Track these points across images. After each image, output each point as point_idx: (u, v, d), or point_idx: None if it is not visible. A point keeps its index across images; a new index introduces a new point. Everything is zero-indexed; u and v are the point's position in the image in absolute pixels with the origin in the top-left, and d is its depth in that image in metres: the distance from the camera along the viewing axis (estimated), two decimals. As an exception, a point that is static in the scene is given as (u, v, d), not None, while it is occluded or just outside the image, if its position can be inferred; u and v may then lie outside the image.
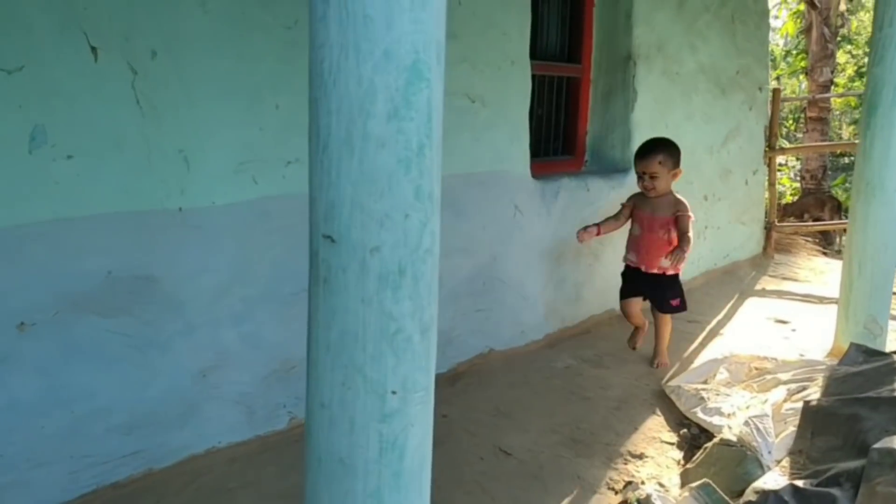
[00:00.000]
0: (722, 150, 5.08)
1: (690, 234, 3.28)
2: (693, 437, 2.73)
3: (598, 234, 3.41)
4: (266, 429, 2.60)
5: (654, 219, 3.38)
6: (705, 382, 3.10)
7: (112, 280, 2.15)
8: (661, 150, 3.32)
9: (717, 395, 2.89)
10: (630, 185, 4.17)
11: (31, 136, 1.92)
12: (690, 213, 3.36)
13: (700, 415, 2.79)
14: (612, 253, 4.13)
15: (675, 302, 3.45)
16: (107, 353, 2.17)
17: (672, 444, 2.74)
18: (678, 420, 2.89)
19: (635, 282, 3.50)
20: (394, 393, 1.20)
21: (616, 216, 3.51)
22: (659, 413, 2.98)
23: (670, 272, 3.40)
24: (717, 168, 5.04)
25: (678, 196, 3.40)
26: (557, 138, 4.17)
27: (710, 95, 4.84)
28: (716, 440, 2.44)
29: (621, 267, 3.63)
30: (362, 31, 1.09)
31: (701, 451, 2.45)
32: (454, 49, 3.07)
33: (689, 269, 4.86)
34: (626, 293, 3.55)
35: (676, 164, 3.35)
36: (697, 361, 3.51)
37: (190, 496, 2.26)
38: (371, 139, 1.12)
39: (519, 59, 3.42)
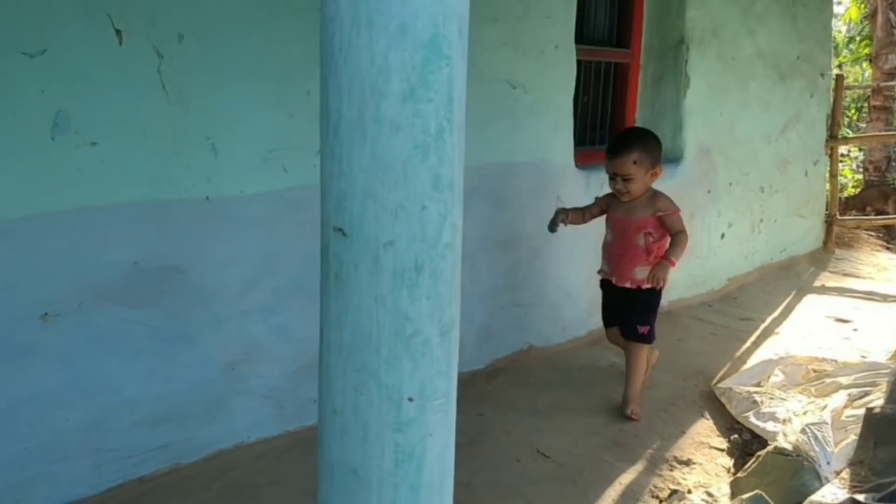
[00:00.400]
0: (780, 140, 4.83)
1: (687, 232, 2.72)
2: (745, 443, 2.57)
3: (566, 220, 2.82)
4: (295, 424, 2.54)
5: (629, 221, 2.75)
6: (759, 385, 2.93)
7: (138, 270, 2.10)
8: (637, 146, 2.68)
9: (772, 398, 2.72)
10: (682, 176, 4.00)
11: (53, 122, 1.88)
12: (678, 207, 2.75)
13: (752, 420, 2.62)
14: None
15: (642, 329, 2.78)
16: (132, 344, 2.13)
17: (722, 450, 2.58)
18: (729, 425, 2.73)
19: (609, 299, 2.92)
20: (410, 400, 1.10)
21: (584, 208, 2.92)
22: (708, 416, 2.82)
23: (646, 286, 2.73)
24: (774, 158, 4.80)
25: (657, 191, 2.79)
26: (603, 126, 4.00)
27: (768, 82, 4.61)
28: (770, 448, 2.28)
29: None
30: (375, 2, 0.99)
31: (753, 459, 2.29)
32: (495, 32, 2.95)
33: (742, 264, 4.65)
34: (605, 319, 2.98)
35: (655, 161, 2.71)
36: (750, 362, 3.33)
37: (217, 492, 2.21)
38: (384, 122, 1.02)
39: (563, 44, 3.28)
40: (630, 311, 2.80)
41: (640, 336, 2.79)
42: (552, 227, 2.77)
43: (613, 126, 4.04)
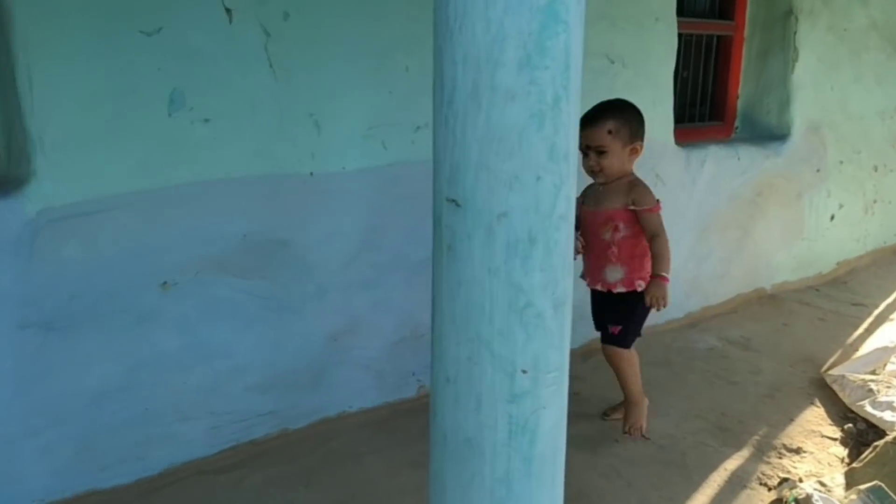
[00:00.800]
0: (896, 115, 4.52)
1: (665, 235, 2.30)
2: (860, 433, 2.44)
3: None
4: (395, 396, 2.59)
5: (596, 214, 2.36)
6: (874, 373, 2.77)
7: (248, 243, 2.18)
8: (613, 114, 2.30)
9: (889, 387, 2.57)
10: (789, 154, 3.81)
11: (170, 99, 1.96)
12: (655, 203, 2.32)
13: (868, 409, 2.48)
14: (764, 227, 3.80)
15: (613, 328, 2.43)
16: (244, 313, 2.22)
17: (834, 439, 2.46)
18: (841, 413, 2.60)
19: (594, 306, 2.55)
20: (524, 372, 1.09)
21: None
22: (818, 404, 2.70)
23: (619, 289, 2.37)
24: (889, 135, 4.49)
25: (635, 178, 2.36)
26: (704, 102, 3.85)
27: (882, 54, 4.30)
28: (889, 438, 2.15)
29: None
30: (493, -33, 0.98)
31: (870, 449, 2.17)
32: (593, 5, 2.86)
33: (853, 247, 4.40)
34: (597, 326, 2.55)
35: (635, 135, 2.32)
36: (864, 349, 3.15)
37: (321, 458, 2.29)
38: (500, 91, 1.00)
39: (664, 16, 3.16)
40: (607, 313, 2.45)
41: (612, 337, 2.43)
42: None
43: (716, 102, 3.89)
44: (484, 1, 1.00)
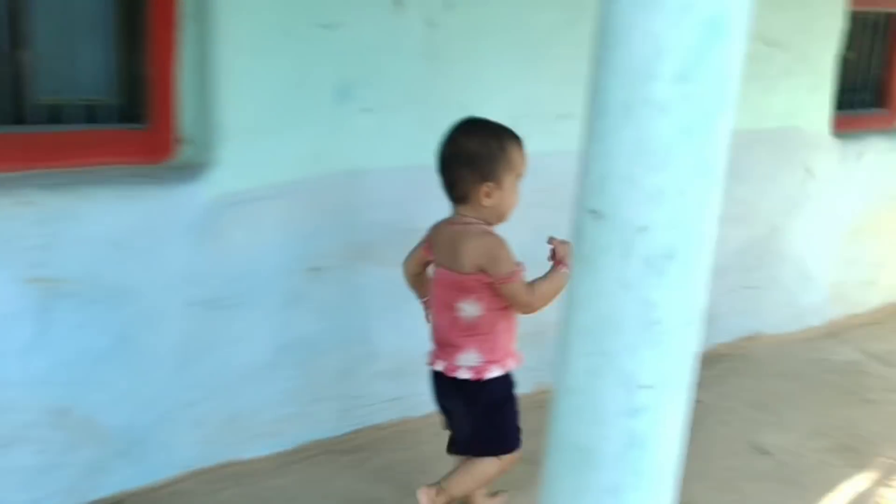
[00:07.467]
0: None
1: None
2: None
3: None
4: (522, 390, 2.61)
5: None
6: None
7: (391, 232, 2.22)
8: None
9: None
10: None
11: (339, 90, 2.05)
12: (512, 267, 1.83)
13: None
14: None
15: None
16: (380, 301, 2.29)
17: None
18: None
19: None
20: (647, 387, 1.08)
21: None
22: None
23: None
24: None
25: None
26: (867, 87, 3.53)
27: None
28: None
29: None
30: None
31: None
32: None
33: None
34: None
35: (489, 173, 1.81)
36: None
37: (439, 445, 2.27)
38: (652, 105, 0.98)
39: (829, -9, 2.99)
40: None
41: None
42: None
43: (880, 87, 3.54)
44: (644, 14, 0.98)
